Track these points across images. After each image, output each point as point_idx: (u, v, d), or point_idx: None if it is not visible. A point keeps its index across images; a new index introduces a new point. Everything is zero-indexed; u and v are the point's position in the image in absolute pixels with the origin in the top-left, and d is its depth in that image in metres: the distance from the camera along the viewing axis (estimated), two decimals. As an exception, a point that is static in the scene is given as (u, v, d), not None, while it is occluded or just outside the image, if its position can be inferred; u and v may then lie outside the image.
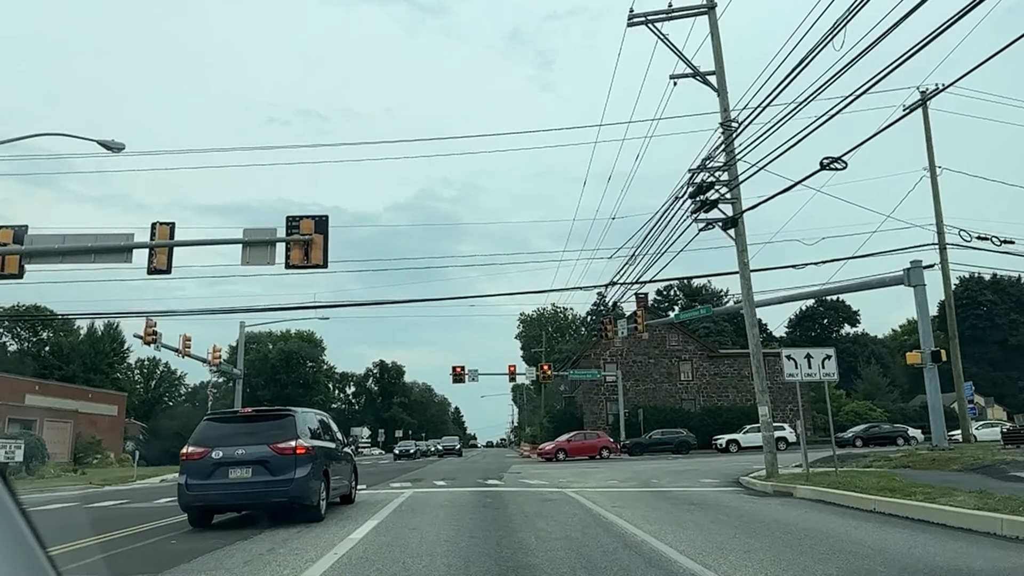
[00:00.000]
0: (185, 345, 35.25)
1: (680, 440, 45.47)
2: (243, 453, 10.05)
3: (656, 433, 46.26)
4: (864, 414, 51.37)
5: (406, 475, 24.96)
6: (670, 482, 19.33)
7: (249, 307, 40.30)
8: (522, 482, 19.79)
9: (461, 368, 49.78)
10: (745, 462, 30.49)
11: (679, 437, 45.77)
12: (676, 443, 45.18)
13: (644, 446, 45.11)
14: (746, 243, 18.60)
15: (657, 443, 45.23)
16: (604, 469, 27.31)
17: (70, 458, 49.59)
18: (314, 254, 16.35)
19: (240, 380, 42.60)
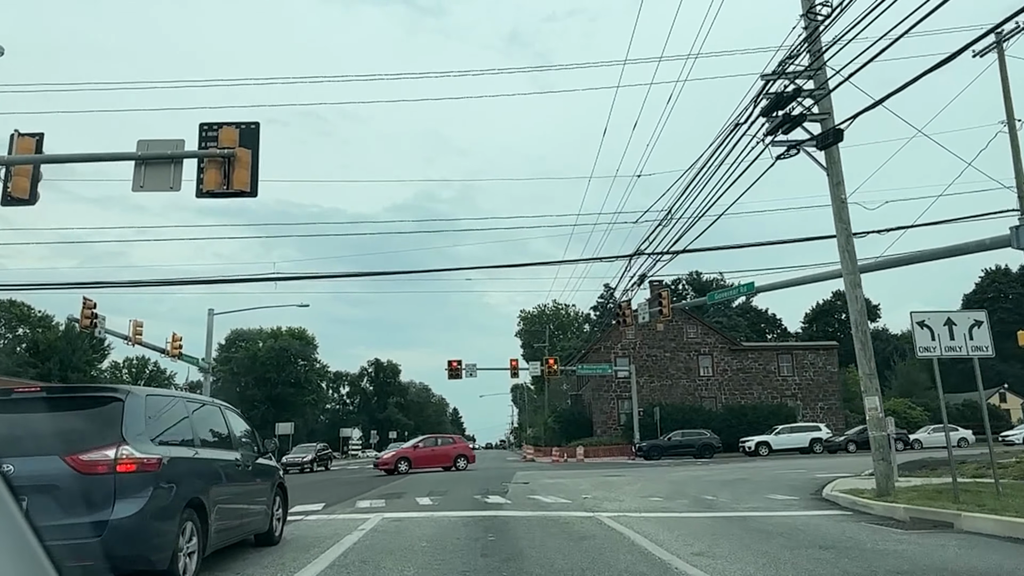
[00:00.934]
0: (136, 332, 30.25)
1: (703, 442, 40.68)
2: (12, 470, 5.08)
3: (676, 434, 41.38)
4: (903, 413, 46.35)
5: (384, 487, 19.95)
6: (731, 500, 14.40)
7: (195, 278, 35.11)
8: (533, 498, 14.84)
9: (458, 363, 44.81)
10: (795, 468, 25.50)
11: (702, 439, 40.96)
12: (698, 446, 40.39)
13: (662, 449, 40.23)
14: (842, 172, 13.68)
15: (677, 446, 40.35)
16: (630, 477, 22.36)
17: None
18: (238, 176, 11.39)
19: (209, 374, 37.58)
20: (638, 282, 23.04)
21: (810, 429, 41.81)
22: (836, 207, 13.61)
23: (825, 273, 22.36)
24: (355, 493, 17.45)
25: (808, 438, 40.53)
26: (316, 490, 19.84)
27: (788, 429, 41.41)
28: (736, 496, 15.29)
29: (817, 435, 40.96)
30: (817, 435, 40.96)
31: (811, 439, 40.52)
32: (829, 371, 49.79)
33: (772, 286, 24.35)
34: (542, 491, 17.06)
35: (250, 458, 8.22)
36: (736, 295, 26.05)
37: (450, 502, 14.13)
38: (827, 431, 41.80)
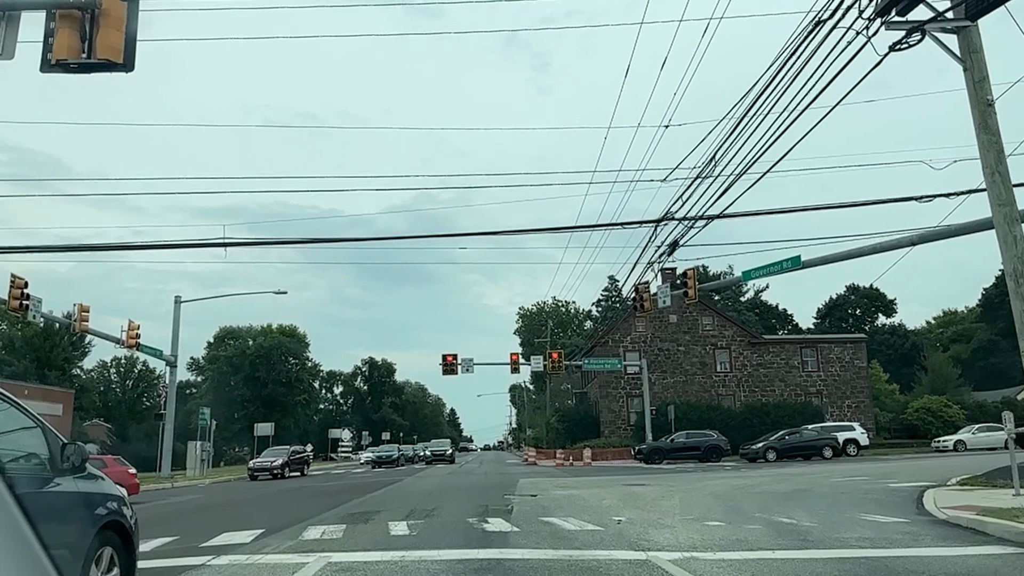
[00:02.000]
0: (82, 318, 26.21)
1: (710, 445, 36.74)
2: None
3: (680, 436, 37.46)
4: (939, 411, 42.46)
5: (356, 502, 15.92)
6: (818, 524, 10.53)
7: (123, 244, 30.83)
8: (549, 522, 10.89)
9: (453, 357, 40.79)
10: (847, 474, 21.36)
11: (708, 441, 37.00)
12: (705, 448, 36.51)
13: (664, 452, 36.27)
14: (986, 65, 9.72)
15: (681, 448, 36.45)
16: (657, 487, 18.39)
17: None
18: (105, 39, 7.42)
19: (174, 367, 33.58)
20: (669, 251, 19.06)
21: (844, 429, 37.73)
22: (979, 113, 9.63)
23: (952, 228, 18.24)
24: (313, 512, 13.43)
25: (841, 439, 36.48)
26: (264, 507, 15.91)
27: (816, 429, 37.39)
28: (818, 516, 11.38)
29: (851, 435, 36.97)
30: (851, 435, 36.97)
31: (844, 440, 36.51)
32: (857, 366, 45.83)
33: (833, 257, 20.38)
34: (557, 509, 13.08)
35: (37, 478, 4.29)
36: (779, 271, 22.05)
37: (434, 531, 10.15)
38: (861, 430, 37.75)
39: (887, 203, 21.74)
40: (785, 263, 22.21)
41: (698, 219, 19.01)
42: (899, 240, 19.50)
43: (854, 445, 36.03)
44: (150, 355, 32.49)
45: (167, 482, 30.81)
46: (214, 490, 26.53)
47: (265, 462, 32.24)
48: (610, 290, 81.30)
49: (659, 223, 19.26)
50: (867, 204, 21.38)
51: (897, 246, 19.31)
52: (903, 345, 73.93)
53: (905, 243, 19.28)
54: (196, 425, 43.57)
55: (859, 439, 36.34)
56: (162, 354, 32.65)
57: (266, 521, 12.07)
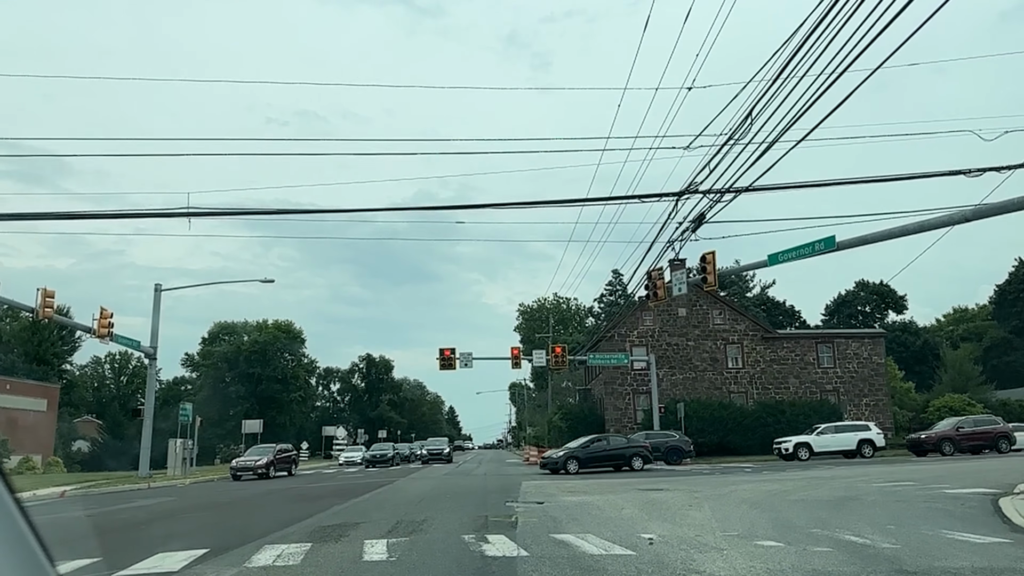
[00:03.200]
0: (46, 304, 24.03)
1: (670, 446, 32.53)
2: None
3: (639, 436, 33.50)
4: (962, 410, 40.31)
5: (333, 509, 13.77)
6: (900, 544, 8.50)
7: (84, 212, 28.34)
8: (563, 540, 8.78)
9: (451, 351, 38.64)
10: (877, 477, 19.15)
11: (669, 442, 33.22)
12: (665, 449, 32.51)
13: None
14: None
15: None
16: (678, 492, 16.25)
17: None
18: None
19: (154, 359, 31.44)
20: (693, 227, 16.89)
21: (858, 428, 35.41)
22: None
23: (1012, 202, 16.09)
24: (279, 524, 11.28)
25: (855, 439, 34.04)
26: (228, 516, 13.83)
27: (832, 428, 35.05)
28: (892, 534, 9.26)
29: (866, 435, 34.57)
30: (866, 435, 34.57)
31: (859, 440, 34.10)
32: (875, 362, 43.66)
33: (872, 237, 18.20)
34: (570, 521, 10.95)
35: None
36: (810, 253, 19.91)
37: (420, 554, 8.01)
38: (877, 430, 35.37)
39: (932, 177, 19.61)
40: (817, 244, 20.06)
41: (725, 191, 16.87)
42: (950, 216, 17.36)
43: (868, 445, 33.67)
44: (126, 346, 30.39)
45: (144, 482, 28.68)
46: (190, 492, 24.42)
47: (249, 461, 30.06)
48: (614, 284, 79.30)
49: (680, 196, 17.11)
50: (910, 178, 19.23)
51: (948, 222, 17.17)
52: (915, 343, 71.78)
53: (957, 219, 17.14)
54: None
55: (874, 439, 34.00)
56: (139, 345, 30.51)
57: (217, 537, 9.95)
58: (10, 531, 1.29)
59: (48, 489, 25.48)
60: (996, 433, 32.63)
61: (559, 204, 17.55)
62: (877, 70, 13.69)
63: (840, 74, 13.64)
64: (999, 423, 33.56)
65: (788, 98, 14.33)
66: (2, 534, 1.28)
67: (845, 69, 13.40)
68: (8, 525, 1.30)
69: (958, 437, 32.42)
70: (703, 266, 22.93)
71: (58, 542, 10.00)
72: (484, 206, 33.31)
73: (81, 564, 8.11)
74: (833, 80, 13.94)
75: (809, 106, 14.29)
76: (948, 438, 32.43)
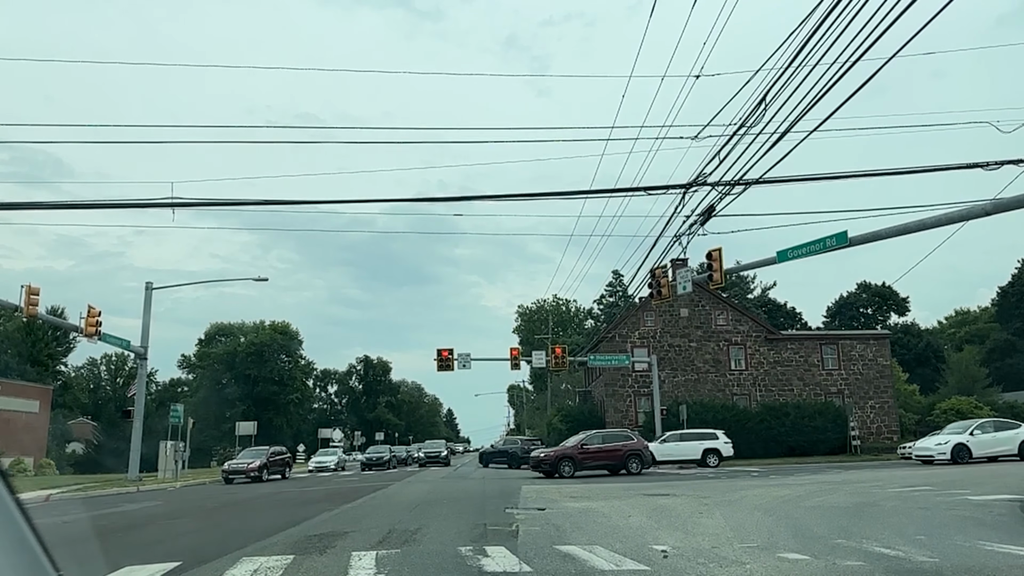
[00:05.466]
0: (31, 302, 23.25)
1: (629, 451, 27.56)
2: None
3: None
4: (969, 413, 39.60)
5: (323, 516, 13.01)
6: (937, 552, 7.93)
7: (58, 201, 27.66)
8: (568, 553, 8.06)
9: (449, 352, 37.89)
10: (895, 479, 17.87)
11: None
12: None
13: None
14: None
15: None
16: (685, 498, 15.51)
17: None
18: None
19: (144, 359, 30.64)
20: (702, 220, 16.17)
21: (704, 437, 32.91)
22: None
23: None
24: (263, 532, 10.52)
25: (701, 448, 32.18)
26: (211, 522, 13.07)
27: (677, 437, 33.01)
28: (923, 545, 8.53)
29: (713, 444, 31.78)
30: (713, 444, 31.78)
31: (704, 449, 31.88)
32: (880, 364, 42.94)
33: (886, 232, 17.47)
34: (575, 531, 10.20)
35: None
36: (821, 249, 19.19)
37: (412, 568, 7.27)
38: (725, 439, 32.47)
39: (948, 170, 18.91)
40: (829, 240, 19.36)
41: (735, 184, 16.16)
42: (969, 210, 16.67)
43: (715, 455, 31.74)
44: (115, 345, 29.63)
45: (132, 486, 27.91)
46: (179, 496, 23.64)
47: (241, 464, 29.29)
48: (614, 285, 78.54)
49: (688, 188, 16.38)
50: (924, 171, 18.52)
51: (969, 216, 16.47)
52: (918, 345, 71.06)
53: (977, 212, 16.45)
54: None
55: (721, 449, 31.97)
56: (129, 344, 29.73)
57: (194, 547, 9.21)
58: (11, 533, 1.28)
59: (34, 492, 24.69)
60: (627, 451, 26.71)
61: (562, 196, 16.85)
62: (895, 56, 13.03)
63: (857, 60, 12.95)
64: (633, 438, 27.75)
65: (804, 83, 13.65)
66: (3, 536, 1.26)
67: (863, 55, 12.73)
68: (9, 527, 1.28)
69: (580, 456, 26.34)
70: (709, 263, 22.22)
71: (23, 552, 9.22)
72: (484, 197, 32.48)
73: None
74: (850, 66, 13.26)
75: (826, 91, 13.61)
76: (569, 456, 26.44)
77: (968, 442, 27.62)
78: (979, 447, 27.60)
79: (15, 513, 1.30)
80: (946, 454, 27.22)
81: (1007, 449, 27.81)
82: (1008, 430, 28.59)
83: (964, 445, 27.43)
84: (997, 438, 28.12)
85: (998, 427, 28.87)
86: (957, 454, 27.03)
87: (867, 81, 13.55)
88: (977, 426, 28.57)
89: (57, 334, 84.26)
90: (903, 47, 12.51)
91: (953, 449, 27.22)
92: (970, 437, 27.81)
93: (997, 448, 27.86)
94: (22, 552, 1.29)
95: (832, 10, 12.60)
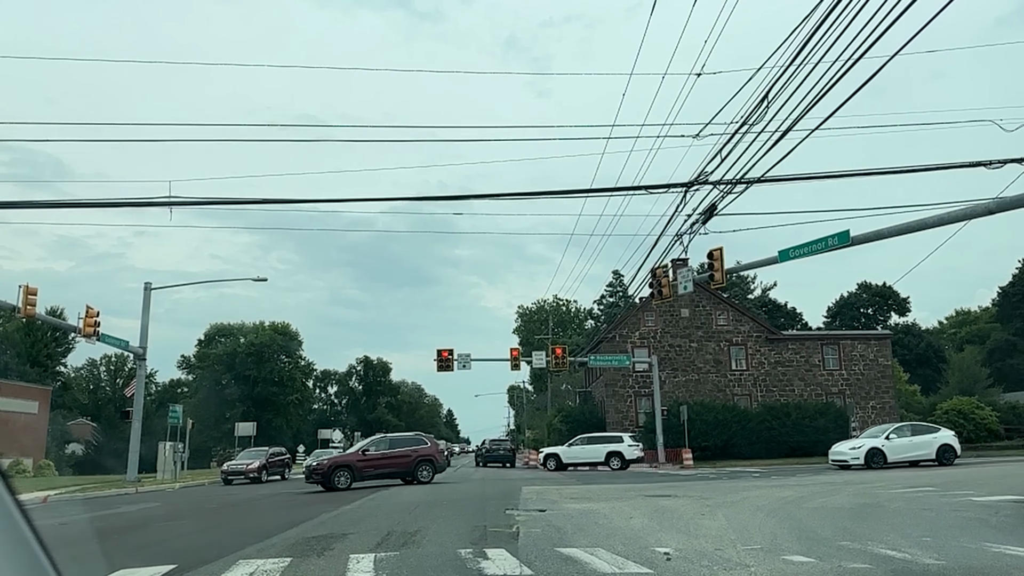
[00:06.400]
0: (29, 302, 23.13)
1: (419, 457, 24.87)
2: None
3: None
4: (971, 413, 39.51)
5: (321, 518, 12.87)
6: (945, 556, 7.82)
7: (51, 201, 27.57)
8: (571, 557, 7.94)
9: (448, 352, 37.78)
10: (897, 480, 17.52)
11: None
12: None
13: None
14: None
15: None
16: (686, 499, 15.38)
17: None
18: None
19: (143, 360, 30.53)
20: (703, 219, 16.05)
21: (610, 440, 34.21)
22: None
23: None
24: (260, 534, 10.40)
25: (604, 451, 33.51)
26: (208, 524, 12.94)
27: (583, 440, 34.54)
28: (931, 547, 8.40)
29: (617, 448, 33.24)
30: (617, 448, 33.24)
31: (607, 452, 33.16)
32: (881, 364, 42.83)
33: (889, 231, 17.35)
34: (576, 533, 10.08)
35: None
36: (823, 248, 19.07)
37: (411, 571, 7.15)
38: (631, 442, 33.89)
39: (951, 168, 18.80)
40: (831, 239, 19.23)
41: (736, 183, 16.04)
42: (973, 208, 16.55)
43: (618, 459, 32.56)
44: (113, 345, 29.50)
45: (131, 487, 27.80)
46: (177, 497, 23.53)
47: (240, 465, 29.17)
48: (615, 285, 78.42)
49: (690, 187, 16.27)
50: (927, 169, 18.40)
51: (972, 215, 16.35)
52: (918, 345, 70.95)
53: (981, 211, 16.33)
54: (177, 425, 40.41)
55: (625, 452, 32.78)
56: (128, 345, 29.61)
57: (190, 550, 9.09)
58: (11, 534, 1.27)
59: (32, 494, 24.56)
60: (417, 457, 23.79)
61: (562, 195, 16.75)
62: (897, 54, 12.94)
63: (859, 58, 12.86)
64: (425, 443, 25.14)
65: (805, 81, 13.54)
66: (2, 534, 1.25)
67: (864, 53, 12.64)
68: (8, 525, 1.27)
69: (361, 464, 23.11)
70: (711, 263, 22.10)
71: (17, 555, 9.12)
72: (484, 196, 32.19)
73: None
74: (851, 65, 13.16)
75: (828, 89, 13.50)
76: (345, 465, 23.20)
77: (883, 447, 26.97)
78: (895, 452, 26.95)
79: (15, 514, 1.30)
80: (860, 459, 26.53)
81: (925, 454, 27.27)
82: (926, 434, 28.08)
83: (879, 450, 26.82)
84: (914, 442, 27.48)
85: (916, 431, 28.44)
86: (871, 459, 26.43)
87: (869, 79, 13.46)
88: (894, 430, 27.97)
89: (57, 335, 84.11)
90: (905, 45, 12.44)
91: (867, 454, 26.63)
92: (886, 441, 27.18)
93: (914, 453, 27.30)
94: (22, 554, 1.28)
95: (833, 9, 12.52)
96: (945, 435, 28.12)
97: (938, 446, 27.29)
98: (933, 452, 27.18)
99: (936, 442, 27.46)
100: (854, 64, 13.02)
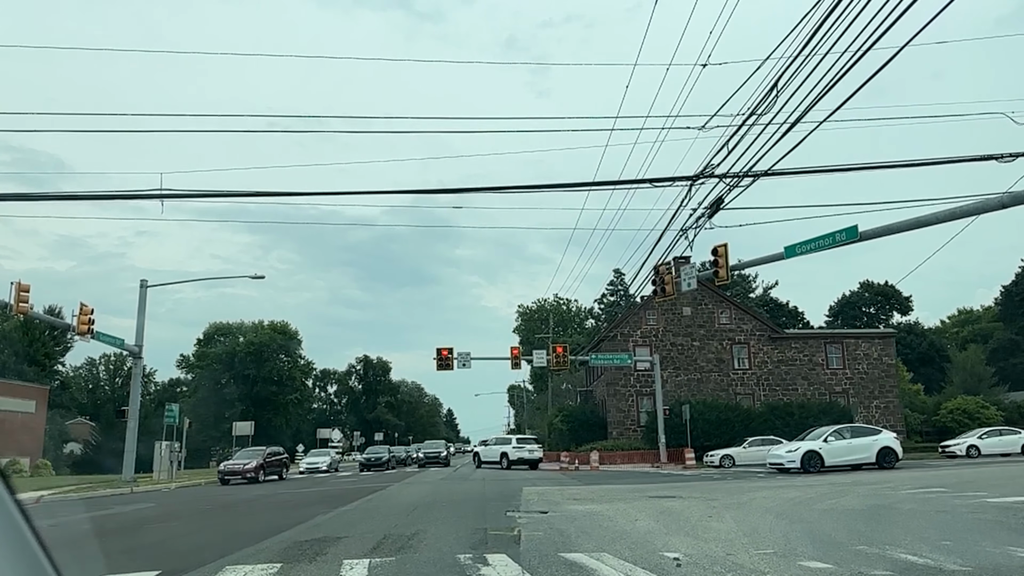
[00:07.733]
0: (21, 299, 22.74)
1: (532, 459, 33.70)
2: None
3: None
4: (976, 413, 39.12)
5: (316, 520, 12.49)
6: (969, 562, 7.42)
7: (41, 194, 27.34)
8: (576, 563, 7.58)
9: (448, 351, 37.38)
10: (905, 480, 17.03)
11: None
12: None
13: None
14: None
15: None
16: (693, 501, 15.01)
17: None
18: None
19: (139, 358, 30.15)
20: (709, 213, 15.67)
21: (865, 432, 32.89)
22: None
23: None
24: (253, 538, 10.01)
25: None
26: (199, 526, 12.56)
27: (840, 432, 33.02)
28: (951, 552, 8.03)
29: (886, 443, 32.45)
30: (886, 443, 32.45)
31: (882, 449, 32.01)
32: (886, 363, 42.44)
33: (899, 226, 16.96)
34: (580, 536, 9.69)
35: None
36: (831, 244, 18.68)
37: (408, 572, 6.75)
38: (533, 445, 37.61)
39: (961, 162, 18.41)
40: (839, 235, 18.85)
41: (743, 175, 15.65)
42: (986, 202, 16.15)
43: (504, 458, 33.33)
44: (108, 343, 29.13)
45: (126, 487, 27.40)
46: (172, 497, 23.14)
47: (237, 465, 28.77)
48: (616, 284, 78.03)
49: (695, 180, 15.88)
50: (937, 163, 18.01)
51: (984, 209, 15.96)
52: (921, 344, 70.56)
53: (994, 205, 15.93)
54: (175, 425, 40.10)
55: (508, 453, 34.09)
56: (123, 343, 29.24)
57: (177, 553, 8.71)
58: (11, 534, 1.26)
59: (27, 494, 24.18)
60: None
61: (565, 188, 16.34)
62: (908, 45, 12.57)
63: (869, 48, 12.47)
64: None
65: (814, 72, 13.16)
66: (2, 534, 1.24)
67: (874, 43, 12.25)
68: (8, 525, 1.26)
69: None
70: (715, 259, 21.71)
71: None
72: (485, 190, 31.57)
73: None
74: (861, 55, 12.77)
75: (837, 79, 13.11)
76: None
77: (820, 449, 25.78)
78: (832, 455, 25.77)
79: (15, 514, 1.28)
80: (796, 462, 25.41)
81: (864, 457, 26.17)
82: (865, 436, 27.02)
83: (815, 452, 25.63)
84: (852, 445, 26.34)
85: (856, 433, 27.37)
86: (807, 462, 25.24)
87: (879, 70, 13.07)
88: (832, 432, 26.83)
89: (55, 334, 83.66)
90: (916, 35, 12.06)
91: (803, 457, 25.45)
92: (823, 444, 26.01)
93: (853, 456, 26.18)
94: (22, 553, 1.26)
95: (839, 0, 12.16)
96: (886, 437, 26.93)
97: (878, 449, 26.27)
98: (873, 455, 26.14)
99: (876, 445, 26.43)
100: (864, 54, 12.64)
